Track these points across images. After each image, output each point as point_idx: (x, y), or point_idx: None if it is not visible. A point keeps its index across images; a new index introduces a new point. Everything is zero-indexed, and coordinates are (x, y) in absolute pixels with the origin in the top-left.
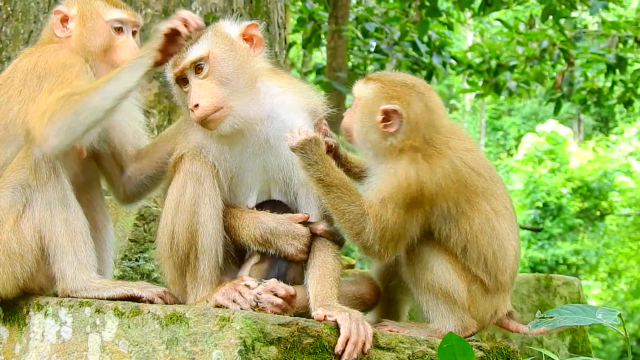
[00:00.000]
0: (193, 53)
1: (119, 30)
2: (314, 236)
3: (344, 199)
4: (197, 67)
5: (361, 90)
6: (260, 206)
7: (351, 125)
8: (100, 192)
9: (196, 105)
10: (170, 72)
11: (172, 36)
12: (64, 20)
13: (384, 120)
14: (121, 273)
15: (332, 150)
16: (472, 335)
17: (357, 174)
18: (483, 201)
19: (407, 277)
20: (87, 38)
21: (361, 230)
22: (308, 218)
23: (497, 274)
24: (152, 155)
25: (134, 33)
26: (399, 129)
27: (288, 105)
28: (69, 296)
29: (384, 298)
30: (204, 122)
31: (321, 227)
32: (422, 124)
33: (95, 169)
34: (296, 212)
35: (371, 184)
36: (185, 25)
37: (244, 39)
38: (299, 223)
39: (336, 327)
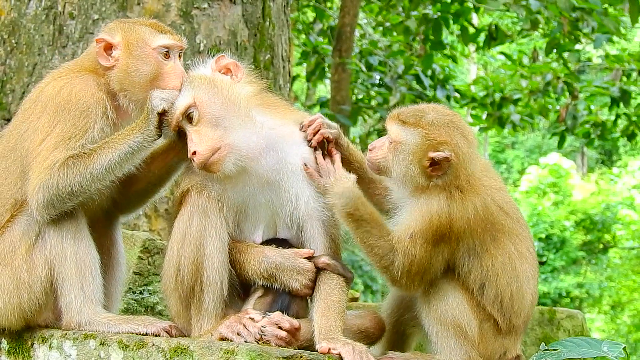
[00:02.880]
0: (180, 104)
1: (166, 56)
2: (319, 270)
3: (373, 233)
4: (188, 116)
5: (400, 134)
6: (266, 243)
7: (387, 164)
8: (119, 228)
9: (194, 153)
10: (168, 131)
11: (165, 114)
12: (108, 48)
13: (431, 165)
14: (125, 306)
15: (332, 141)
16: None
17: (356, 169)
18: (508, 241)
19: (420, 306)
20: (133, 67)
21: (390, 265)
22: (313, 253)
23: (512, 316)
24: (140, 176)
25: (179, 56)
26: (446, 172)
27: (287, 137)
28: (73, 329)
29: (392, 331)
30: (206, 167)
31: (322, 260)
32: (467, 163)
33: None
34: (301, 247)
35: (401, 218)
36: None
37: (222, 72)
38: (305, 258)
39: None
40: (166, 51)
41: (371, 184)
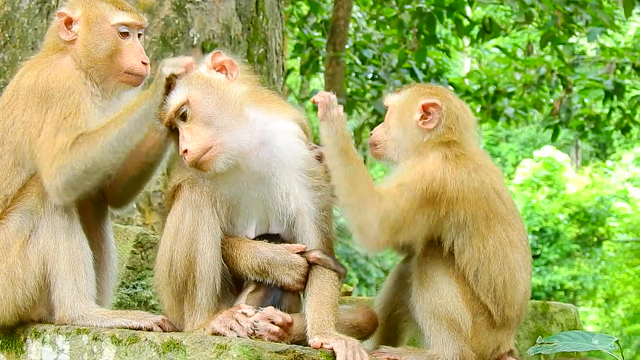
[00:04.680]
0: (173, 102)
1: (125, 34)
2: (312, 265)
3: (360, 174)
4: (181, 114)
5: (394, 98)
6: (258, 238)
7: (383, 135)
8: (110, 223)
9: (185, 151)
10: (160, 126)
11: (172, 81)
12: (68, 22)
13: (423, 117)
14: (118, 300)
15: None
16: None
17: None
18: (500, 227)
19: (414, 300)
20: (92, 43)
21: (367, 207)
22: (306, 248)
23: (505, 307)
24: (133, 157)
25: (139, 35)
26: (439, 124)
27: (280, 133)
28: (66, 324)
29: (385, 326)
30: (197, 165)
31: (314, 255)
32: (460, 119)
33: (104, 199)
34: (294, 242)
35: (393, 174)
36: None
37: (217, 70)
38: (297, 253)
39: (333, 355)
40: (126, 30)
41: None
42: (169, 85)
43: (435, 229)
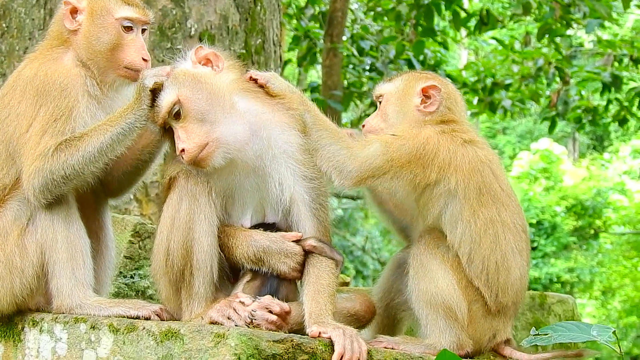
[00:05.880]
0: (164, 102)
1: (128, 28)
2: (308, 253)
3: (327, 122)
4: (174, 113)
5: (388, 86)
6: (254, 227)
7: (379, 124)
8: (108, 213)
9: (182, 150)
10: (154, 127)
11: (157, 91)
12: (74, 12)
13: (423, 101)
14: (116, 290)
15: None
16: (467, 356)
17: None
18: (492, 204)
19: (411, 289)
20: (94, 35)
21: (356, 145)
22: (301, 236)
23: (499, 293)
24: (126, 155)
25: (142, 31)
26: (439, 106)
27: (271, 122)
28: (64, 313)
29: (383, 315)
30: (195, 163)
31: (309, 242)
32: (458, 100)
33: (103, 189)
34: (290, 231)
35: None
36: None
37: (202, 64)
38: (293, 241)
39: (331, 344)
40: (129, 24)
41: None
42: (154, 96)
43: (422, 192)
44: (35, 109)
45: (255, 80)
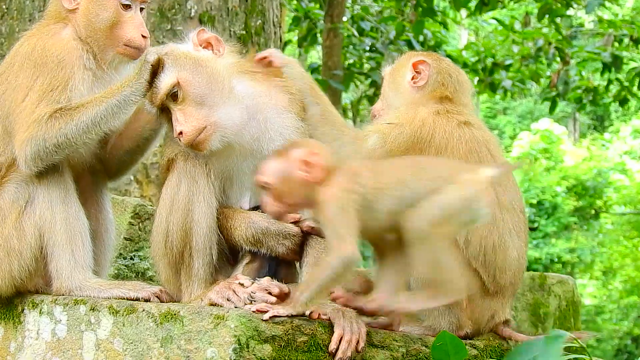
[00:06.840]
0: (164, 84)
1: (126, 6)
2: (307, 235)
3: (333, 110)
4: (172, 95)
5: (387, 68)
6: (253, 209)
7: (380, 105)
8: (107, 194)
9: (180, 133)
10: (151, 108)
11: (157, 66)
12: None
13: (413, 77)
14: (116, 271)
15: None
16: (466, 337)
17: None
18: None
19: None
20: (93, 12)
21: (345, 137)
22: (300, 218)
23: (497, 273)
24: (128, 129)
25: (141, 9)
26: (429, 80)
27: (269, 105)
28: (63, 295)
29: None
30: (193, 146)
31: (307, 223)
32: (453, 76)
33: (102, 169)
34: None
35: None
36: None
37: (203, 47)
38: (291, 223)
39: (330, 326)
40: (127, 2)
41: None
42: (155, 72)
43: None
44: (32, 80)
45: (269, 63)
